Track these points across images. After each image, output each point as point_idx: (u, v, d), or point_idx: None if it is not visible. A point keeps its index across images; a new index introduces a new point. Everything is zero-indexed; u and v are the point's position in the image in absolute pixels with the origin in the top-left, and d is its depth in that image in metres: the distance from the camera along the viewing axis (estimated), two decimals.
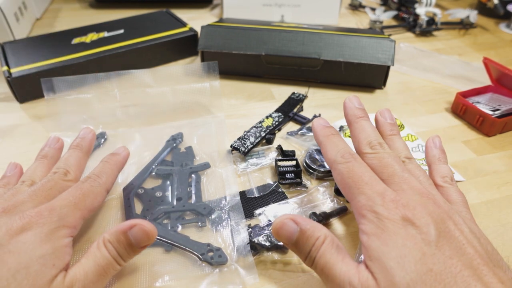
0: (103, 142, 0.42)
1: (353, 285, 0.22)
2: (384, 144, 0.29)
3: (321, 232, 0.25)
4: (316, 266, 0.25)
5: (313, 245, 0.25)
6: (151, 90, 0.48)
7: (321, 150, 0.31)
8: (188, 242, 0.31)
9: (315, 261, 0.24)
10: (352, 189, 0.26)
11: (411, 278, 0.20)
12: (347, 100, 0.33)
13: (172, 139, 0.42)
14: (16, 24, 0.64)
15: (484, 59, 0.49)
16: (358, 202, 0.25)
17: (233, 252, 0.30)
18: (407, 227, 0.22)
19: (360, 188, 0.25)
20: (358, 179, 0.26)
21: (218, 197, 0.35)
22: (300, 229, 0.25)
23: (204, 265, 0.29)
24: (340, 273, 0.23)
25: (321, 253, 0.24)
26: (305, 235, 0.25)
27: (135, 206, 0.34)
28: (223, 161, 0.40)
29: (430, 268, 0.21)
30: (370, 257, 0.22)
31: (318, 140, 0.31)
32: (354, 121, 0.31)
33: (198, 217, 0.33)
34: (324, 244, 0.24)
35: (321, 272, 0.24)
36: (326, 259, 0.24)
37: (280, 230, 0.26)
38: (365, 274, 0.22)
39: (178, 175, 0.37)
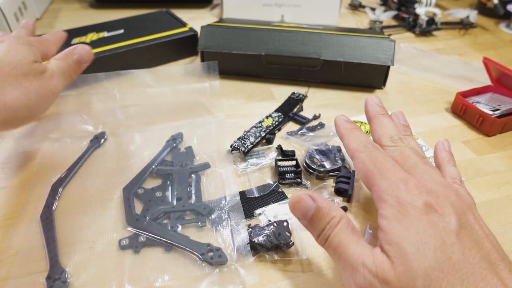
0: (103, 142, 0.42)
1: (367, 266, 0.22)
2: (404, 139, 0.29)
3: (337, 212, 0.25)
4: (329, 245, 0.25)
5: (328, 223, 0.25)
6: (151, 90, 0.48)
7: (343, 143, 0.31)
8: (188, 242, 0.31)
9: (328, 240, 0.24)
10: (374, 174, 0.26)
11: (429, 264, 0.21)
12: (368, 98, 0.33)
13: (172, 139, 0.42)
14: (16, 24, 0.64)
15: (484, 59, 0.49)
16: (379, 187, 0.25)
17: (233, 252, 0.30)
18: (430, 213, 0.22)
19: (382, 173, 0.25)
20: (381, 165, 0.26)
21: (218, 197, 0.35)
22: (317, 206, 0.25)
23: (204, 265, 0.29)
24: (354, 253, 0.23)
25: (335, 232, 0.24)
26: (321, 213, 0.25)
27: (135, 206, 0.34)
28: (223, 161, 0.40)
29: (449, 256, 0.21)
30: (388, 241, 0.22)
31: (340, 133, 0.31)
32: (375, 117, 0.32)
33: (198, 217, 0.33)
34: (339, 224, 0.24)
35: (334, 252, 0.24)
36: (340, 238, 0.24)
37: (296, 204, 0.26)
38: (380, 257, 0.22)
39: (178, 175, 0.37)
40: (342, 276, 0.24)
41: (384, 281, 0.21)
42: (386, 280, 0.21)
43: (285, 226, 0.32)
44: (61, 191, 0.36)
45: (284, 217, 0.33)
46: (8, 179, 0.38)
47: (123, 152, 0.41)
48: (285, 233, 0.31)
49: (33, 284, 0.28)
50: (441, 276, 0.20)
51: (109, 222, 0.33)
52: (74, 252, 0.31)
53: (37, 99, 0.33)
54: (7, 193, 0.36)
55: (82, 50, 0.38)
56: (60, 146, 0.41)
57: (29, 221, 0.33)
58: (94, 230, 0.32)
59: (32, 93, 0.32)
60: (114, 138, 0.43)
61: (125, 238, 0.31)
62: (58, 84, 0.35)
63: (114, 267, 0.29)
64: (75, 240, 0.31)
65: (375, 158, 0.27)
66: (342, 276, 0.24)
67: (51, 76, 0.35)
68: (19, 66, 0.32)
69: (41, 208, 0.34)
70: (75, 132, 0.44)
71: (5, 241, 0.31)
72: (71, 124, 0.44)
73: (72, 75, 0.38)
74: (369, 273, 0.22)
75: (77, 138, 0.43)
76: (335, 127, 0.32)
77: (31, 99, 0.32)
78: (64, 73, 0.37)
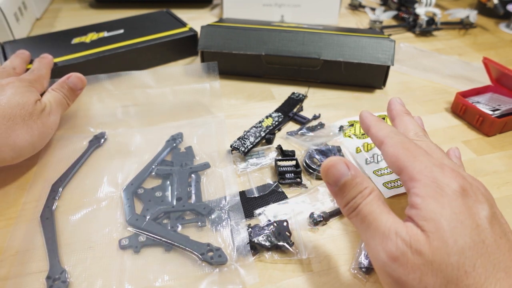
0: (103, 142, 0.42)
1: (400, 236, 0.22)
2: (427, 136, 0.30)
3: (370, 184, 0.25)
4: (357, 213, 0.25)
5: (360, 192, 0.25)
6: (151, 90, 0.48)
7: (370, 132, 0.31)
8: (188, 242, 0.31)
9: (358, 208, 0.25)
10: (407, 157, 0.26)
11: (465, 242, 0.21)
12: (392, 99, 0.35)
13: (172, 139, 0.42)
14: (16, 24, 0.64)
15: (484, 59, 0.49)
16: (413, 168, 0.25)
17: (233, 252, 0.30)
18: (465, 197, 0.23)
19: (416, 156, 0.26)
20: (414, 150, 0.26)
21: (218, 197, 0.35)
22: (352, 174, 0.25)
23: (204, 265, 0.29)
24: (387, 222, 0.23)
25: (367, 202, 0.24)
26: (354, 181, 0.25)
27: (135, 206, 0.34)
28: (223, 161, 0.40)
29: (483, 239, 0.21)
30: (423, 217, 0.22)
31: (367, 124, 0.31)
32: (399, 115, 0.33)
33: (198, 217, 0.33)
34: (371, 194, 0.25)
35: (362, 221, 0.24)
36: (372, 208, 0.24)
37: (331, 168, 0.26)
38: (414, 229, 0.22)
39: (178, 175, 0.37)
40: (369, 245, 0.24)
41: (417, 252, 0.21)
42: (420, 251, 0.21)
43: (285, 226, 0.32)
44: (61, 191, 0.36)
45: (284, 217, 0.33)
46: (8, 179, 0.38)
47: (123, 152, 0.41)
48: (285, 233, 0.31)
49: (33, 284, 0.28)
50: (475, 256, 0.21)
51: (109, 222, 0.33)
52: (74, 252, 0.31)
53: (40, 136, 0.37)
54: (7, 193, 0.36)
55: (74, 78, 0.43)
56: (60, 146, 0.42)
57: (29, 221, 0.33)
58: (94, 230, 0.32)
59: (35, 132, 0.36)
60: (114, 138, 0.43)
61: (125, 238, 0.31)
62: (56, 119, 0.40)
63: (114, 267, 0.29)
64: (75, 240, 0.31)
65: (407, 144, 0.27)
66: (369, 245, 0.24)
67: (49, 113, 0.38)
68: (25, 107, 0.36)
69: (41, 208, 0.34)
70: (75, 132, 0.44)
71: (5, 241, 0.31)
72: (71, 124, 0.45)
73: (68, 103, 0.43)
74: (402, 242, 0.22)
75: (77, 138, 0.43)
76: (360, 121, 0.33)
77: (34, 138, 0.36)
78: (61, 103, 0.41)
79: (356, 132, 0.44)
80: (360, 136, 0.44)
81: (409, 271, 0.21)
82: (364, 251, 0.30)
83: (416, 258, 0.21)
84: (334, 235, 0.32)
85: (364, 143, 0.43)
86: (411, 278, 0.21)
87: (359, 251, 0.31)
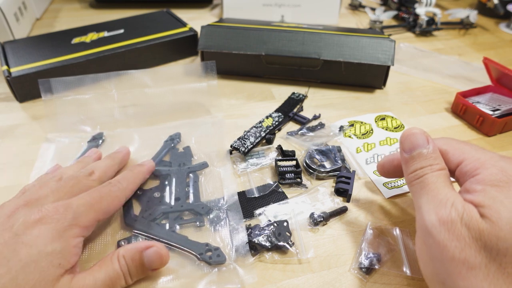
0: (101, 142, 0.42)
1: (456, 207, 0.23)
2: None
3: (443, 164, 0.26)
4: (422, 181, 0.25)
5: (430, 165, 0.26)
6: (149, 90, 0.47)
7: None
8: (186, 242, 0.31)
9: (424, 177, 0.25)
10: (469, 149, 0.26)
11: None
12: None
13: (170, 139, 0.42)
14: (16, 24, 0.64)
15: (484, 59, 0.49)
16: (478, 158, 0.25)
17: (231, 251, 0.30)
18: None
19: (477, 149, 0.26)
20: (471, 144, 0.27)
21: (216, 196, 0.35)
22: (429, 149, 0.26)
23: (202, 265, 0.29)
24: (447, 194, 0.24)
25: (434, 174, 0.25)
26: (429, 155, 0.26)
27: (133, 207, 0.34)
28: (221, 160, 0.39)
29: None
30: (482, 203, 0.23)
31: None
32: None
33: (196, 217, 0.33)
34: (441, 171, 0.26)
35: (423, 187, 0.25)
36: (437, 180, 0.25)
37: (410, 136, 0.27)
38: (471, 207, 0.23)
39: (176, 175, 0.37)
40: (422, 208, 0.25)
41: (466, 226, 0.22)
42: (469, 226, 0.22)
43: (285, 226, 0.32)
44: None
45: (284, 217, 0.33)
46: (7, 180, 0.38)
47: None
48: (285, 233, 0.31)
49: None
50: None
51: (108, 223, 0.33)
52: None
53: None
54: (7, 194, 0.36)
55: (154, 255, 0.27)
56: (58, 146, 0.41)
57: None
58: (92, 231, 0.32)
59: None
60: (112, 138, 0.43)
61: (124, 239, 0.31)
62: None
63: None
64: None
65: (459, 141, 0.28)
66: (422, 208, 0.25)
67: None
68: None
69: None
70: (73, 133, 0.43)
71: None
72: (69, 125, 0.44)
73: (126, 282, 0.27)
74: (455, 212, 0.23)
75: (75, 138, 0.43)
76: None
77: None
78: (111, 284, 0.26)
79: (356, 132, 0.44)
80: (360, 136, 0.44)
81: (453, 238, 0.22)
82: (364, 251, 0.30)
83: (463, 230, 0.22)
84: (334, 235, 0.32)
85: (364, 143, 0.43)
86: (454, 246, 0.22)
87: (359, 251, 0.31)
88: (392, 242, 0.31)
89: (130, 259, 0.26)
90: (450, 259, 0.22)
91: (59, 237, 0.25)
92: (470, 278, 0.21)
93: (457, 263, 0.22)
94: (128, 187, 0.32)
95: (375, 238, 0.32)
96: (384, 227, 0.33)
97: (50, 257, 0.24)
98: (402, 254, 0.30)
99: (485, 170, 0.24)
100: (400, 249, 0.31)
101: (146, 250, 0.27)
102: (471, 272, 0.21)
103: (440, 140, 0.29)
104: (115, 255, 0.26)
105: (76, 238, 0.26)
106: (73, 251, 0.26)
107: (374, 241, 0.31)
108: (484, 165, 0.25)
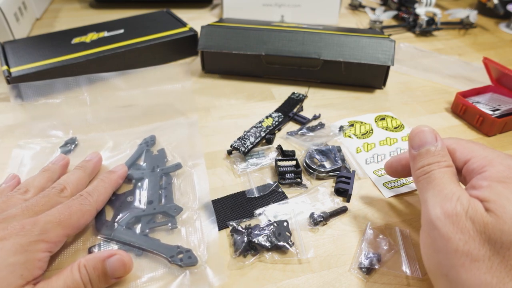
0: (73, 147, 0.41)
1: (461, 201, 0.23)
2: None
3: (450, 161, 0.27)
4: (428, 176, 0.26)
5: (438, 162, 0.26)
6: (122, 93, 0.46)
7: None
8: (158, 245, 0.30)
9: (431, 173, 0.26)
10: (477, 148, 0.27)
11: None
12: None
13: (145, 142, 0.41)
14: (16, 24, 0.64)
15: (484, 59, 0.49)
16: (486, 156, 0.26)
17: (203, 253, 0.30)
18: None
19: (485, 148, 0.27)
20: (478, 143, 0.28)
21: (189, 197, 0.35)
22: (437, 147, 0.27)
23: (174, 268, 0.29)
24: (453, 189, 0.24)
25: (441, 171, 0.26)
26: (437, 151, 0.27)
27: (105, 213, 0.33)
28: (195, 161, 0.39)
29: None
30: (487, 198, 0.23)
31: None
32: None
33: (168, 219, 0.33)
34: (448, 168, 0.26)
35: (429, 182, 0.26)
36: (444, 176, 0.25)
37: (419, 133, 0.28)
38: (476, 202, 0.23)
39: (150, 178, 0.37)
40: (427, 202, 0.25)
41: (471, 219, 0.22)
42: (473, 220, 0.22)
43: (285, 226, 0.32)
44: None
45: (284, 217, 0.33)
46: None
47: None
48: (285, 233, 0.31)
49: None
50: None
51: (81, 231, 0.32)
52: None
53: None
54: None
55: (116, 262, 0.27)
56: (30, 152, 0.40)
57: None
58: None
59: None
60: (85, 143, 0.42)
61: (95, 246, 0.31)
62: None
63: None
64: None
65: (467, 140, 0.28)
66: (427, 202, 0.25)
67: None
68: None
69: None
70: (45, 138, 0.42)
71: None
72: (41, 130, 0.43)
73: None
74: (460, 205, 0.23)
75: (47, 144, 0.41)
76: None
77: None
78: None
79: (356, 132, 0.44)
80: (360, 136, 0.44)
81: (457, 230, 0.22)
82: (364, 251, 0.30)
83: (468, 223, 0.22)
84: (334, 235, 0.32)
85: (364, 143, 0.43)
86: (458, 238, 0.22)
87: (359, 251, 0.31)
88: (392, 242, 0.31)
89: (92, 268, 0.26)
90: (454, 251, 0.22)
91: (23, 251, 0.25)
92: (473, 270, 0.22)
93: (460, 255, 0.22)
94: (99, 199, 0.32)
95: (375, 238, 0.32)
96: (384, 227, 0.33)
97: (11, 268, 0.24)
98: (402, 254, 0.30)
99: (492, 167, 0.25)
100: (400, 249, 0.31)
101: (108, 259, 0.26)
102: (474, 264, 0.22)
103: (449, 139, 0.29)
104: (76, 265, 0.26)
105: (41, 253, 0.26)
106: (37, 265, 0.25)
107: (374, 241, 0.31)
108: (491, 163, 0.25)
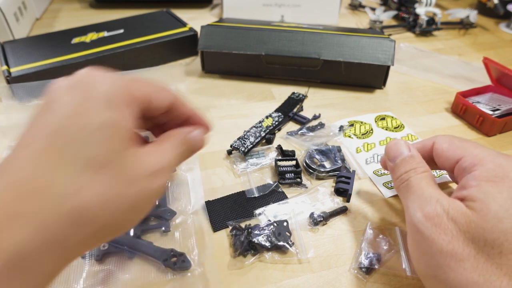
0: None
1: (441, 203, 0.24)
2: None
3: (426, 167, 0.28)
4: (407, 184, 0.27)
5: (413, 168, 0.27)
6: None
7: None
8: (151, 248, 0.30)
9: (409, 180, 0.27)
10: (468, 147, 0.27)
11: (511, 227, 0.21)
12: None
13: None
14: (16, 24, 0.64)
15: (484, 59, 0.49)
16: (476, 155, 0.26)
17: (197, 256, 0.30)
18: None
19: (477, 147, 0.27)
20: (469, 141, 0.28)
21: (182, 201, 0.35)
22: (409, 155, 0.28)
23: (167, 271, 0.29)
24: (431, 192, 0.25)
25: (418, 176, 0.27)
26: (411, 159, 0.28)
27: None
28: (189, 165, 0.39)
29: None
30: (473, 197, 0.23)
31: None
32: None
33: (162, 222, 0.33)
34: (424, 173, 0.27)
35: (408, 189, 0.27)
36: (421, 181, 0.26)
37: (392, 147, 0.29)
38: (457, 203, 0.24)
39: None
40: (409, 207, 0.26)
41: (452, 219, 0.23)
42: (455, 220, 0.23)
43: (285, 226, 0.32)
44: None
45: (284, 217, 0.33)
46: None
47: None
48: (285, 233, 0.31)
49: None
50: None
51: None
52: None
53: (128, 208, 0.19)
54: None
55: (198, 135, 0.25)
56: None
57: None
58: None
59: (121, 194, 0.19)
60: None
61: None
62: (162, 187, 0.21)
63: (75, 276, 0.28)
64: None
65: (459, 138, 0.29)
66: (409, 207, 0.26)
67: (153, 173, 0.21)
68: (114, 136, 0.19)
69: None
70: None
71: None
72: None
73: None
74: (440, 207, 0.24)
75: None
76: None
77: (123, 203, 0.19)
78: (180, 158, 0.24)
79: (356, 132, 0.44)
80: (360, 136, 0.44)
81: (440, 232, 0.23)
82: (364, 251, 0.30)
83: (450, 224, 0.23)
84: (334, 235, 0.32)
85: (364, 143, 0.43)
86: (441, 239, 0.22)
87: (359, 251, 0.31)
88: (392, 242, 0.31)
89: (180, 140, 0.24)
90: (439, 252, 0.22)
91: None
92: (459, 270, 0.22)
93: (445, 256, 0.22)
94: None
95: (375, 238, 0.32)
96: (384, 227, 0.33)
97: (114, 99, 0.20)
98: (402, 254, 0.30)
99: (482, 166, 0.25)
100: (400, 249, 0.31)
101: (190, 132, 0.25)
102: (460, 264, 0.22)
103: (441, 137, 0.29)
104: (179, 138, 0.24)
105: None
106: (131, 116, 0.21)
107: (374, 241, 0.31)
108: (482, 162, 0.25)
